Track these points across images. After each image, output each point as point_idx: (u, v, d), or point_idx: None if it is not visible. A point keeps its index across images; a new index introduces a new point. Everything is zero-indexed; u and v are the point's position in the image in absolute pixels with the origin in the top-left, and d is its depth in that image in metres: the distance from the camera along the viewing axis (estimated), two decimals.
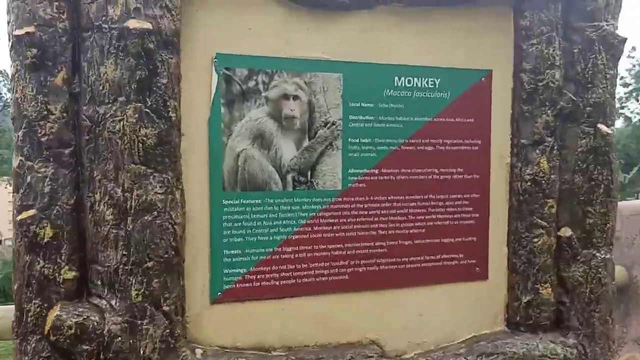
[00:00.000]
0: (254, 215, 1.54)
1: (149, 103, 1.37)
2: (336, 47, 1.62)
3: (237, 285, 1.53)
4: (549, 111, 1.77)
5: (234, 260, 1.53)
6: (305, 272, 1.60)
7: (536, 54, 1.75)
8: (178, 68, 1.43)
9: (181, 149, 1.47)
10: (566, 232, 1.82)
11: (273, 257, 1.57)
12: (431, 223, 1.73)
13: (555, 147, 1.79)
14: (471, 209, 1.78)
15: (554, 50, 1.76)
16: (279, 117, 1.57)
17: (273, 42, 1.56)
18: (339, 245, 1.63)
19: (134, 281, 1.34)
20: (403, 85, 1.69)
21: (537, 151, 1.78)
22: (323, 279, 1.62)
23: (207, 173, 1.50)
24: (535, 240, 1.78)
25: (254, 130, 1.54)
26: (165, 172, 1.39)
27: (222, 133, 1.51)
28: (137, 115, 1.34)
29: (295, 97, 1.58)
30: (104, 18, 1.34)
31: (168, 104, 1.39)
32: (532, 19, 1.74)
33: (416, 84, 1.70)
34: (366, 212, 1.66)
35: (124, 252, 1.35)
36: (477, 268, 1.79)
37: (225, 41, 1.51)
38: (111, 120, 1.34)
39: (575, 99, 1.80)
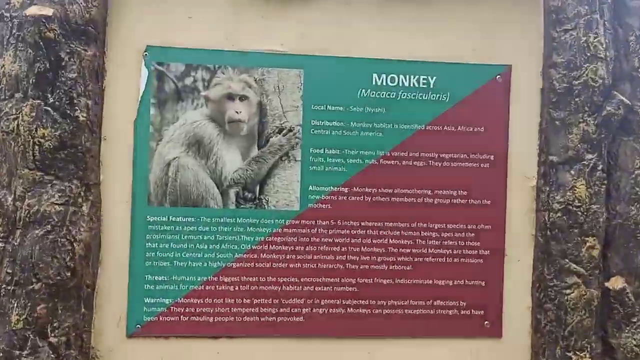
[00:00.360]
0: (185, 236, 1.30)
1: (51, 100, 1.19)
2: (298, 38, 1.34)
3: (161, 318, 1.29)
4: (589, 119, 1.33)
5: (157, 288, 1.29)
6: (247, 309, 1.31)
7: (570, 43, 1.33)
8: (97, 61, 1.24)
9: (102, 155, 1.28)
10: (616, 283, 1.35)
11: (207, 288, 1.30)
12: (420, 259, 1.36)
13: (600, 167, 1.33)
14: (478, 243, 1.38)
15: (596, 38, 1.32)
16: (221, 120, 1.32)
17: (218, 32, 1.32)
18: (292, 279, 1.33)
19: (15, 304, 1.16)
20: (384, 84, 1.36)
21: (572, 172, 1.33)
22: (270, 319, 1.32)
23: (130, 184, 1.29)
24: (568, 291, 1.33)
25: (190, 136, 1.31)
26: (69, 180, 1.20)
27: (150, 137, 1.30)
28: (34, 114, 1.18)
29: (243, 98, 1.32)
30: (7, 6, 1.20)
31: (76, 101, 1.21)
32: None
33: (402, 82, 1.36)
34: (330, 240, 1.33)
35: (8, 270, 1.17)
36: (486, 322, 1.37)
37: (160, 32, 1.30)
38: (5, 118, 1.19)
39: (629, 102, 1.34)
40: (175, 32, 1.27)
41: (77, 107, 1.18)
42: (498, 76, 1.35)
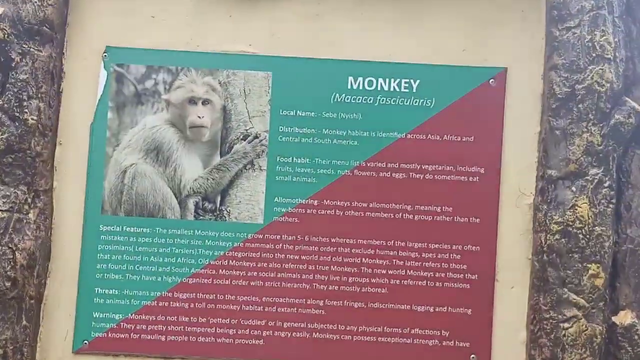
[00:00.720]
0: (140, 248, 1.21)
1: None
2: (268, 38, 1.24)
3: (110, 334, 1.20)
4: (593, 128, 1.16)
5: (108, 302, 1.21)
6: (202, 329, 1.21)
7: (573, 43, 1.17)
8: (53, 62, 1.19)
9: (56, 160, 1.22)
10: (625, 318, 1.16)
11: (160, 304, 1.21)
12: (397, 281, 1.22)
13: (606, 184, 1.16)
14: (465, 266, 1.22)
15: (603, 36, 1.16)
16: (182, 125, 1.23)
17: (182, 32, 1.23)
18: (253, 298, 1.22)
19: None
20: (361, 88, 1.23)
21: (573, 188, 1.16)
22: (227, 340, 1.21)
23: (84, 191, 1.22)
24: (566, 325, 1.15)
25: (149, 141, 1.23)
26: (16, 186, 1.15)
27: (106, 142, 1.23)
28: None
29: (206, 102, 1.23)
30: None
31: (25, 104, 1.16)
32: None
33: (381, 86, 1.23)
34: (296, 257, 1.22)
35: None
36: (473, 355, 1.21)
37: (121, 32, 1.23)
38: None
39: None
40: (137, 32, 1.20)
41: (27, 110, 1.12)
42: (491, 80, 1.20)
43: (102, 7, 1.19)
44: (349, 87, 1.19)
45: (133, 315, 1.16)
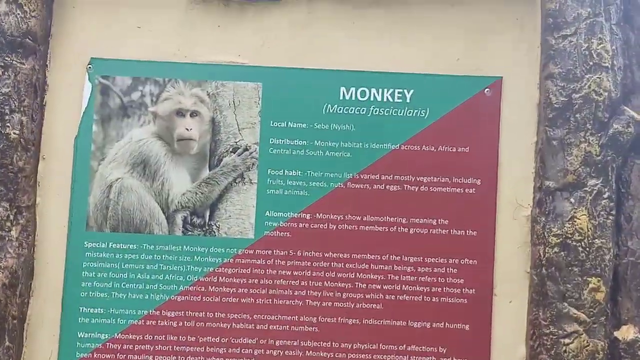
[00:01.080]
0: (126, 265, 1.17)
1: None
2: (257, 48, 1.21)
3: (95, 355, 1.16)
4: (591, 138, 1.13)
5: (93, 321, 1.16)
6: (192, 348, 1.16)
7: (570, 51, 1.14)
8: (36, 75, 1.15)
9: (40, 175, 1.18)
10: (628, 333, 1.13)
11: (148, 323, 1.17)
12: (392, 297, 1.18)
13: (606, 195, 1.13)
14: (462, 281, 1.19)
15: (600, 44, 1.13)
16: (169, 138, 1.20)
17: (169, 43, 1.20)
18: (244, 316, 1.18)
19: None
20: (353, 98, 1.20)
21: (572, 200, 1.13)
22: (217, 359, 1.17)
23: (68, 207, 1.18)
24: (566, 341, 1.12)
25: (135, 155, 1.19)
26: None
27: (91, 156, 1.19)
28: None
29: (194, 114, 1.20)
30: None
31: (7, 118, 1.12)
32: None
33: (374, 97, 1.20)
34: (288, 273, 1.18)
35: None
36: None
37: (107, 43, 1.19)
38: None
39: None
40: (122, 43, 1.17)
41: (8, 124, 1.08)
42: (486, 89, 1.17)
43: (87, 17, 1.15)
44: (341, 97, 1.16)
45: (119, 334, 1.12)
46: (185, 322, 1.13)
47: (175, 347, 1.13)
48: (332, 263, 1.14)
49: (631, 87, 1.11)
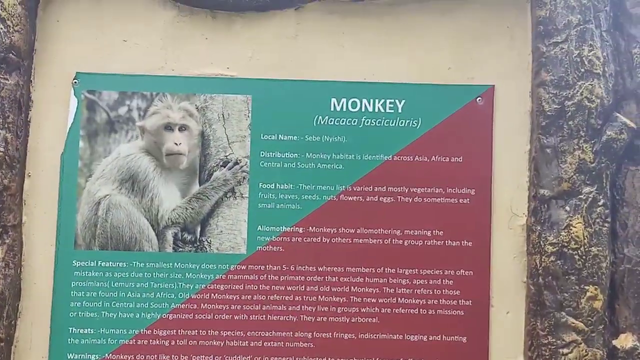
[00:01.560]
0: (116, 284, 1.14)
1: None
2: (246, 60, 1.19)
3: None
4: (585, 145, 1.12)
5: (83, 342, 1.13)
6: None
7: (561, 58, 1.13)
8: (20, 91, 1.12)
9: (25, 193, 1.15)
10: (626, 341, 1.11)
11: (139, 342, 1.13)
12: (388, 310, 1.16)
13: (601, 202, 1.11)
14: (458, 292, 1.17)
15: (591, 51, 1.12)
16: (158, 153, 1.17)
17: (156, 56, 1.18)
18: (238, 333, 1.15)
19: None
20: (345, 110, 1.19)
21: (567, 208, 1.12)
22: None
23: (55, 225, 1.15)
24: (565, 351, 1.10)
25: (123, 171, 1.16)
26: None
27: (78, 173, 1.16)
28: None
29: (183, 128, 1.18)
30: None
31: None
32: (554, 5, 1.14)
33: (366, 107, 1.19)
34: (282, 288, 1.15)
35: None
36: None
37: (92, 57, 1.16)
38: None
39: (635, 125, 1.13)
40: (108, 57, 1.14)
41: None
42: (478, 98, 1.16)
43: (71, 31, 1.13)
44: (332, 109, 1.14)
45: (110, 355, 1.09)
46: (177, 341, 1.10)
47: None
48: (327, 277, 1.12)
49: (623, 93, 1.10)
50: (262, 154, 1.12)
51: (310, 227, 1.12)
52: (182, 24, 1.15)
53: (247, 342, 1.10)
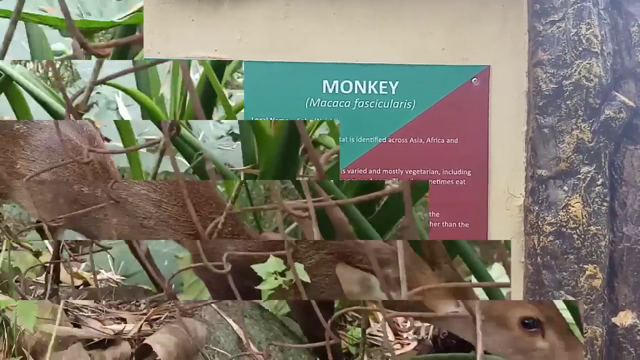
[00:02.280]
0: None
1: None
2: (234, 43, 1.14)
3: None
4: (583, 125, 1.10)
5: None
6: None
7: (558, 37, 1.10)
8: None
9: None
10: (625, 318, 1.10)
11: None
12: None
13: (599, 181, 1.09)
14: None
15: (589, 29, 1.09)
16: None
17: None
18: None
19: None
20: (337, 92, 1.14)
21: (565, 187, 1.10)
22: None
23: None
24: None
25: None
26: None
27: None
28: None
29: None
30: None
31: None
32: None
33: (359, 89, 1.15)
34: None
35: None
36: None
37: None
38: None
39: (634, 104, 1.11)
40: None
41: None
42: (474, 79, 1.13)
43: None
44: (324, 91, 1.10)
45: None
46: None
47: None
48: None
49: (621, 72, 1.08)
50: None
51: None
52: (168, 6, 1.10)
53: None
